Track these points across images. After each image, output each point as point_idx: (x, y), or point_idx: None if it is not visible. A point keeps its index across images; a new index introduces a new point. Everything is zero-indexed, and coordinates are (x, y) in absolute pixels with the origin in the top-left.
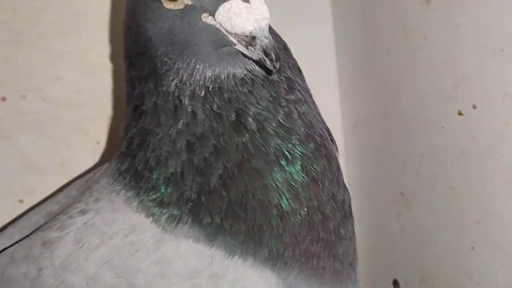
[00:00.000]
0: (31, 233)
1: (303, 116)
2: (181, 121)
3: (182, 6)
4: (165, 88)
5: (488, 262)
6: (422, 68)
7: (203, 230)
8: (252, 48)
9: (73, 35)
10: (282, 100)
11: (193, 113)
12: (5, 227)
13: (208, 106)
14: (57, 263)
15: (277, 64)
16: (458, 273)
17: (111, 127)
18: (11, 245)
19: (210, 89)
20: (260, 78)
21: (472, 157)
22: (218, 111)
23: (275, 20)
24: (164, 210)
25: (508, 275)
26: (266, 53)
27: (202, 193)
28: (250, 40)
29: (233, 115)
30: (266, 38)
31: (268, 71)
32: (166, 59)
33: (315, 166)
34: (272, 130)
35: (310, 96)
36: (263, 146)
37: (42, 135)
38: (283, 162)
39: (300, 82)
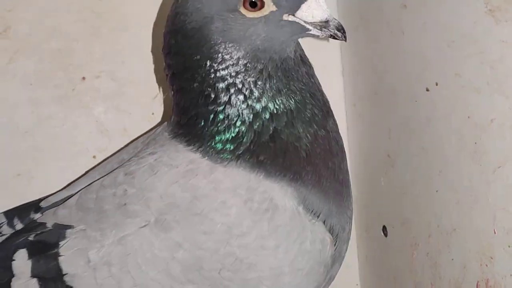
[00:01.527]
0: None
1: (318, 86)
2: (254, 96)
3: (267, 13)
4: (244, 75)
5: (447, 201)
6: (401, 56)
7: (246, 164)
8: (325, 29)
9: (135, 30)
10: (311, 77)
11: (263, 90)
12: (81, 177)
13: (274, 82)
14: (138, 186)
15: (345, 34)
16: (426, 213)
17: (162, 101)
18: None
19: (279, 66)
20: (299, 59)
21: (435, 123)
22: (280, 86)
23: None
24: (221, 155)
25: (461, 210)
26: (338, 29)
27: (253, 144)
28: (324, 24)
29: (285, 89)
30: (335, 19)
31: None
32: (248, 55)
33: (328, 123)
34: (308, 100)
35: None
36: (302, 112)
37: (111, 106)
38: (313, 123)
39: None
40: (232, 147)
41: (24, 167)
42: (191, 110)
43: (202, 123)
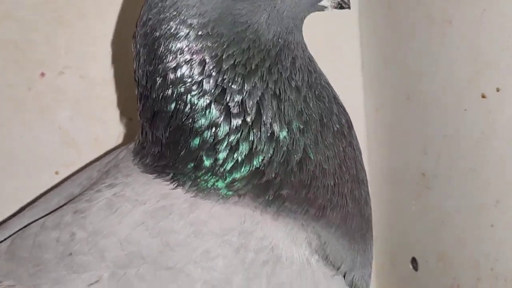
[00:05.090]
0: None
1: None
2: (288, 99)
3: None
4: (278, 70)
5: (506, 240)
6: (446, 53)
7: (253, 199)
8: None
9: (110, 16)
10: (324, 76)
11: (297, 88)
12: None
13: (307, 75)
14: (89, 228)
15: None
16: (475, 250)
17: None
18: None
19: (305, 54)
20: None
21: (494, 139)
22: (311, 80)
23: None
24: (213, 189)
25: None
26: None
27: (277, 174)
28: None
29: (315, 84)
30: None
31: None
32: (280, 40)
33: (353, 138)
34: (334, 104)
35: None
36: (330, 120)
37: (79, 111)
38: (342, 137)
39: None
40: (242, 185)
41: None
42: (197, 150)
43: (209, 162)
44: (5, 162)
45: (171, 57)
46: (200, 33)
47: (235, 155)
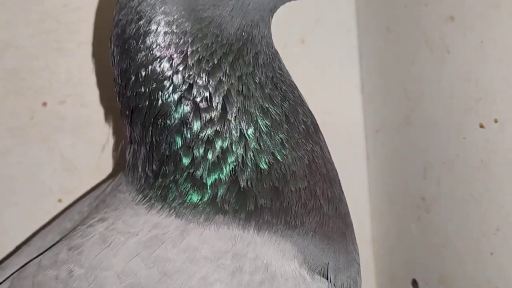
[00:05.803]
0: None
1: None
2: (251, 95)
3: None
4: (239, 65)
5: (507, 268)
6: (445, 81)
7: (234, 215)
8: None
9: (109, 44)
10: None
11: (260, 84)
12: (43, 227)
13: (270, 71)
14: (86, 264)
15: None
16: (476, 275)
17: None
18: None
19: (270, 49)
20: None
21: (493, 168)
22: (275, 78)
23: (301, 28)
24: (197, 208)
25: None
26: None
27: (252, 179)
28: None
29: (279, 82)
30: None
31: None
32: (243, 34)
33: (320, 137)
34: (299, 102)
35: None
36: (296, 119)
37: (80, 138)
38: (308, 136)
39: None
40: (222, 194)
41: None
42: (176, 149)
43: (187, 160)
44: (6, 191)
45: (141, 55)
46: (165, 30)
47: (209, 154)
